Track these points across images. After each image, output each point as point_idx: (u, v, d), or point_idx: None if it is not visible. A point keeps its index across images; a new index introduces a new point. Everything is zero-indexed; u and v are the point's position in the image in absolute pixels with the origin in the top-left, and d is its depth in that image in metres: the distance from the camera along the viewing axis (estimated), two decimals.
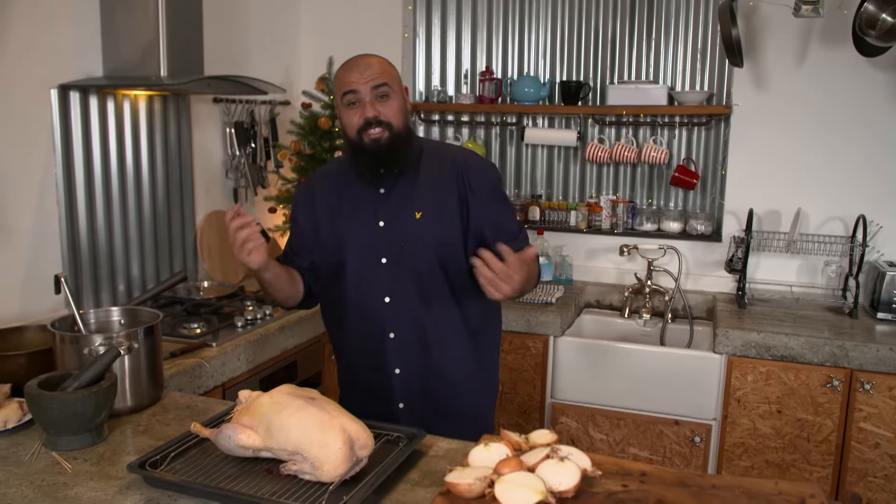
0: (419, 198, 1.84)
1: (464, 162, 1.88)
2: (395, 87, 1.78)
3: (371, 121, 1.74)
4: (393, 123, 1.77)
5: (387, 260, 1.84)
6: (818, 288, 3.11)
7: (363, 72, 1.75)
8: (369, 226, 1.85)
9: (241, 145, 3.13)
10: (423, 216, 1.83)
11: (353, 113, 1.77)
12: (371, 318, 1.87)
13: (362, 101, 1.75)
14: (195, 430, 1.46)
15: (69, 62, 2.37)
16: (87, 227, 2.45)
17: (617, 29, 3.37)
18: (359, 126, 1.76)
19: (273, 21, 3.42)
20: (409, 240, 1.83)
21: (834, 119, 3.02)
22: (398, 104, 1.79)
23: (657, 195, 3.42)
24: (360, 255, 1.86)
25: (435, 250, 1.83)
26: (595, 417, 2.86)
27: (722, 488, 1.32)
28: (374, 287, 1.85)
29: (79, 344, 1.65)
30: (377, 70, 1.76)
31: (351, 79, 1.76)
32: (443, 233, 1.83)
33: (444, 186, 1.84)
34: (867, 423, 2.57)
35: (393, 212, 1.84)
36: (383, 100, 1.76)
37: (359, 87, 1.74)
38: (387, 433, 1.50)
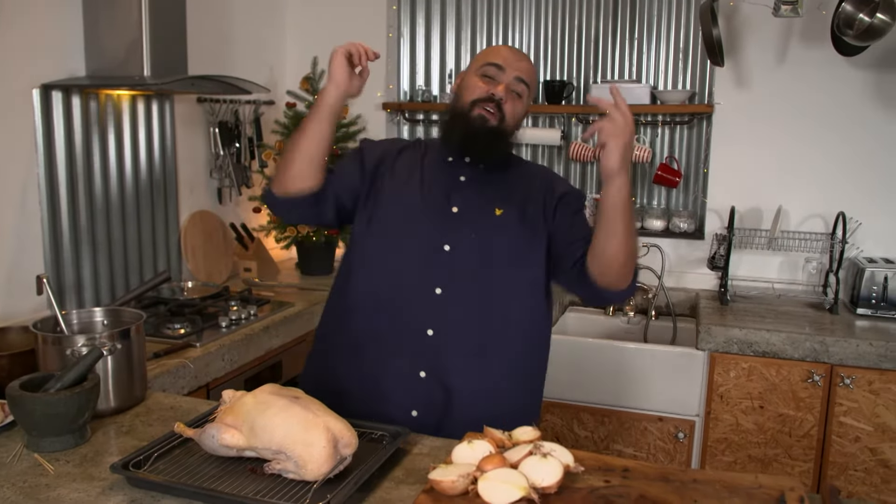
0: (502, 195, 1.73)
1: (552, 175, 1.84)
2: (530, 93, 1.73)
3: (495, 99, 1.66)
4: (508, 118, 1.69)
5: (450, 248, 1.68)
6: (799, 284, 3.14)
7: (518, 58, 1.70)
8: (440, 207, 1.71)
9: (225, 145, 3.13)
10: (503, 214, 1.70)
11: (484, 83, 1.68)
12: (412, 308, 1.67)
13: (501, 80, 1.68)
14: (179, 430, 1.45)
15: (51, 62, 2.36)
16: (69, 227, 2.44)
17: (600, 28, 3.39)
18: (480, 95, 1.67)
19: (257, 21, 3.41)
20: (482, 233, 1.69)
21: (814, 117, 3.06)
22: (523, 109, 1.73)
23: (640, 193, 3.44)
24: (420, 235, 1.69)
25: (508, 252, 1.69)
26: (579, 415, 2.88)
27: (703, 483, 1.34)
28: (428, 275, 1.67)
29: (61, 345, 1.65)
30: (529, 68, 1.71)
31: (505, 55, 1.69)
32: (520, 236, 1.70)
33: (531, 192, 1.74)
34: (847, 417, 2.60)
35: (470, 201, 1.71)
36: (516, 96, 1.70)
37: (507, 66, 1.68)
38: (370, 431, 1.50)
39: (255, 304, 2.63)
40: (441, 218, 1.70)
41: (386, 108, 3.55)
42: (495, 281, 1.68)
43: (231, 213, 3.27)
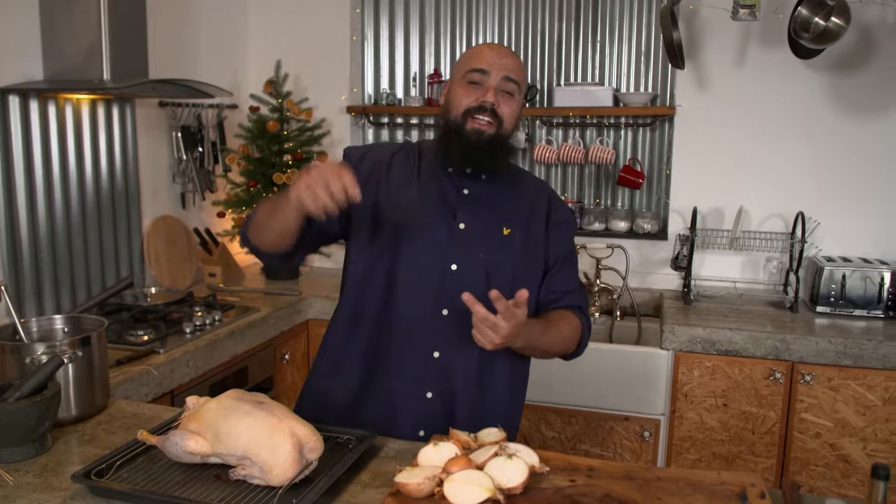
0: (509, 213, 1.67)
1: (554, 193, 1.78)
2: (520, 91, 1.64)
3: (487, 107, 1.58)
4: (505, 122, 1.61)
5: (457, 267, 1.62)
6: (760, 283, 3.20)
7: (502, 56, 1.61)
8: (446, 222, 1.64)
9: (188, 149, 3.10)
10: (511, 233, 1.65)
11: (472, 91, 1.60)
12: (418, 330, 1.62)
13: (488, 85, 1.59)
14: (142, 437, 1.43)
15: (8, 65, 2.32)
16: (28, 233, 2.39)
17: (563, 31, 3.42)
18: (469, 106, 1.59)
19: (220, 24, 3.39)
20: (490, 253, 1.63)
21: (773, 119, 3.12)
22: (517, 108, 1.64)
23: (604, 195, 3.48)
24: (426, 255, 1.62)
25: (512, 274, 1.64)
26: (547, 415, 2.89)
27: (667, 480, 1.36)
28: (433, 295, 1.62)
29: (20, 353, 1.62)
30: (515, 64, 1.62)
31: (486, 57, 1.60)
32: (523, 260, 1.66)
33: (535, 211, 1.70)
34: (808, 413, 2.65)
35: (477, 217, 1.64)
36: (507, 96, 1.61)
37: (492, 69, 1.59)
38: (336, 435, 1.50)
39: (219, 309, 2.61)
40: (448, 235, 1.63)
41: (350, 112, 3.54)
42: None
43: (195, 217, 3.24)
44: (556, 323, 1.66)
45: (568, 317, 1.69)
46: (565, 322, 1.67)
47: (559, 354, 1.71)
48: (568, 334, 1.68)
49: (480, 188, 1.68)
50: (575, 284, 1.75)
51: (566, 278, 1.73)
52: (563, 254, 1.73)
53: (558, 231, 1.72)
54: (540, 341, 1.59)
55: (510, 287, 1.56)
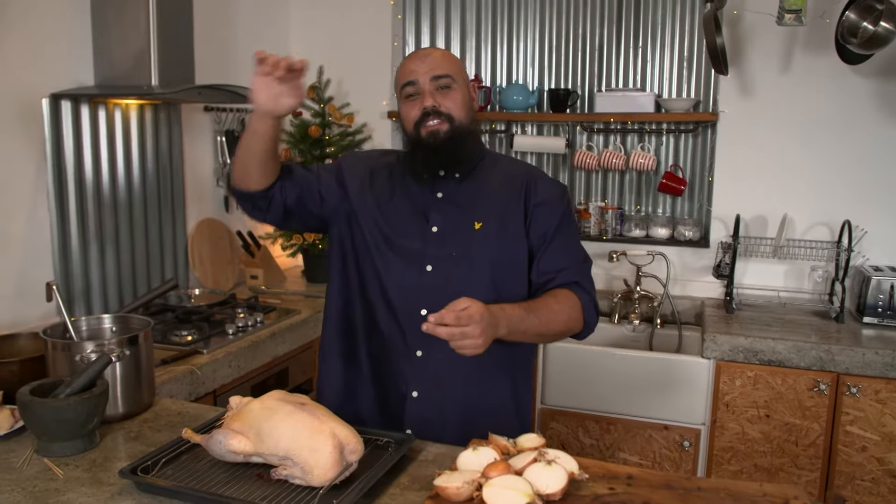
0: (480, 207, 1.69)
1: (533, 176, 1.75)
2: (458, 79, 1.65)
3: (429, 111, 1.62)
4: (454, 115, 1.63)
5: (432, 268, 1.67)
6: (805, 293, 3.14)
7: (423, 60, 1.64)
8: (420, 227, 1.69)
9: (231, 153, 3.15)
10: (483, 227, 1.67)
11: (412, 105, 1.65)
12: (398, 331, 1.68)
13: (422, 91, 1.63)
14: (186, 435, 1.46)
15: (60, 71, 2.39)
16: (78, 235, 2.46)
17: (604, 37, 3.40)
18: (416, 119, 1.64)
19: (263, 30, 3.44)
20: (462, 251, 1.66)
21: (819, 125, 3.06)
22: (461, 97, 1.65)
23: (645, 201, 3.45)
24: (403, 258, 1.68)
25: (490, 266, 1.66)
26: (585, 423, 2.88)
27: (707, 490, 1.34)
28: (410, 296, 1.67)
29: (70, 351, 1.66)
30: (438, 60, 1.64)
31: (410, 68, 1.64)
32: (502, 249, 1.67)
33: (510, 200, 1.70)
34: (854, 426, 2.59)
35: (449, 218, 1.69)
36: (444, 91, 1.63)
37: (418, 76, 1.63)
38: (377, 438, 1.51)
39: (261, 311, 2.64)
40: (422, 238, 1.68)
41: (391, 117, 3.57)
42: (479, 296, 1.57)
43: (237, 221, 3.29)
44: (545, 303, 1.63)
45: (561, 295, 1.66)
46: (556, 301, 1.64)
47: (562, 334, 1.67)
48: (562, 312, 1.63)
49: (454, 189, 1.71)
50: (570, 261, 1.71)
51: (557, 256, 1.70)
52: (550, 232, 1.70)
53: (540, 212, 1.70)
54: (525, 325, 1.56)
55: (489, 278, 1.65)
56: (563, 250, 1.71)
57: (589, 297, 1.71)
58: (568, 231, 1.74)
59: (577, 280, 1.70)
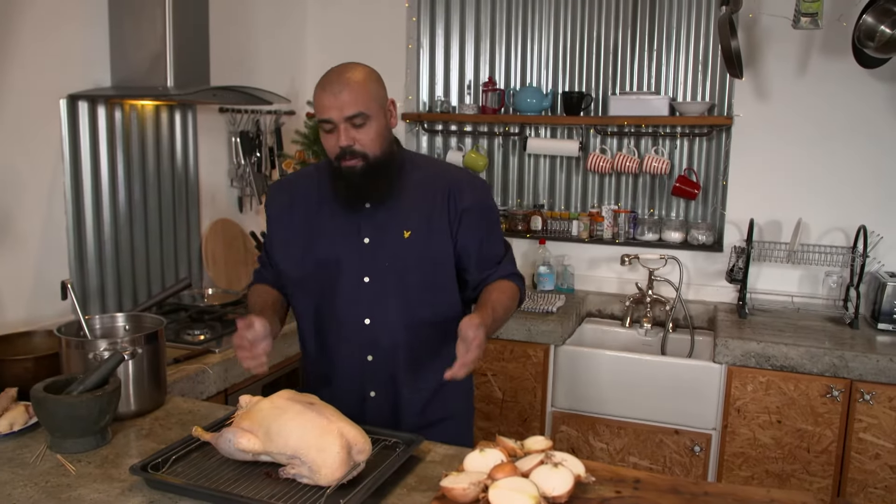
0: (408, 216, 1.75)
1: (455, 181, 1.80)
2: (372, 111, 1.66)
3: (346, 150, 1.65)
4: (369, 153, 1.67)
5: (370, 279, 1.75)
6: (819, 298, 3.12)
7: (336, 96, 1.63)
8: (353, 241, 1.76)
9: (246, 154, 3.17)
10: (411, 235, 1.74)
11: (329, 138, 1.67)
12: (349, 341, 1.78)
13: (336, 127, 1.64)
14: (196, 433, 1.48)
15: (78, 72, 2.42)
16: (93, 234, 2.49)
17: (619, 40, 3.40)
18: (331, 153, 1.69)
19: (279, 32, 3.46)
20: (394, 260, 1.74)
21: (835, 129, 3.04)
22: (376, 129, 1.67)
23: (658, 205, 3.44)
24: (340, 273, 1.76)
25: (422, 271, 1.75)
26: (595, 426, 2.87)
27: (714, 496, 1.34)
28: (353, 308, 1.76)
29: (84, 349, 1.69)
30: (349, 98, 1.62)
31: (324, 103, 1.64)
32: (431, 253, 1.76)
33: (434, 205, 1.77)
34: (867, 433, 2.57)
35: (379, 229, 1.75)
36: (359, 128, 1.65)
37: (332, 115, 1.63)
38: (384, 438, 1.52)
39: None
40: (356, 251, 1.75)
41: (405, 119, 3.58)
42: (415, 300, 1.76)
43: (251, 221, 3.31)
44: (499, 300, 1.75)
45: (504, 288, 1.80)
46: (506, 296, 1.78)
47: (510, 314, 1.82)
48: (510, 303, 1.79)
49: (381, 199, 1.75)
50: (500, 254, 1.85)
51: (491, 253, 1.83)
52: (482, 234, 1.81)
53: (468, 218, 1.78)
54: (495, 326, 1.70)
55: (422, 282, 1.76)
56: (494, 246, 1.84)
57: (520, 281, 1.87)
58: (495, 227, 1.87)
59: (511, 272, 1.85)
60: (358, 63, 1.74)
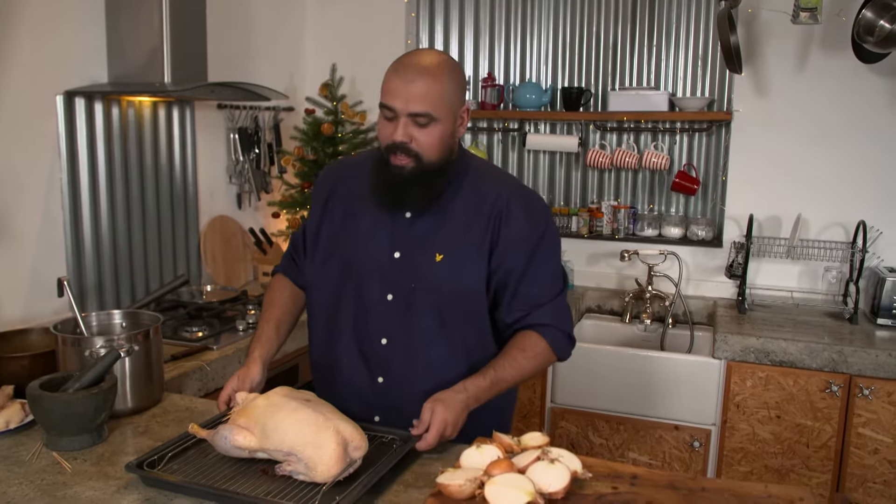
0: (446, 235, 1.61)
1: (507, 202, 1.62)
2: (439, 114, 1.51)
3: (399, 145, 1.52)
4: (423, 155, 1.53)
5: (393, 297, 1.62)
6: (818, 293, 3.11)
7: (406, 85, 1.49)
8: (383, 254, 1.63)
9: (244, 151, 3.17)
10: (444, 259, 1.60)
11: (385, 126, 1.55)
12: (362, 357, 1.67)
13: (397, 118, 1.52)
14: (193, 430, 1.48)
15: (75, 69, 2.41)
16: (91, 231, 2.48)
17: (618, 35, 3.39)
18: (385, 143, 1.55)
19: (277, 28, 3.46)
20: (421, 283, 1.61)
21: (834, 125, 3.03)
22: (440, 133, 1.53)
23: (658, 201, 3.43)
24: (363, 286, 1.64)
25: (450, 298, 1.61)
26: (595, 422, 2.87)
27: (712, 491, 1.34)
28: (371, 325, 1.64)
29: (80, 346, 1.68)
30: (419, 94, 1.49)
31: (393, 90, 1.51)
32: (462, 281, 1.61)
33: (478, 224, 1.61)
34: (866, 428, 2.57)
35: (413, 244, 1.62)
36: (420, 127, 1.51)
37: (397, 105, 1.50)
38: (381, 435, 1.52)
39: None
40: (384, 265, 1.63)
41: None
42: (437, 327, 1.62)
43: (250, 218, 3.31)
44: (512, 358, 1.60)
45: (527, 343, 1.63)
46: (524, 354, 1.61)
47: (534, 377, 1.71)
48: (529, 363, 1.61)
49: (423, 209, 1.62)
50: (540, 295, 1.64)
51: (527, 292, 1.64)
52: (520, 268, 1.63)
53: (511, 249, 1.62)
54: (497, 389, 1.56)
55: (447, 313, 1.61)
56: (534, 285, 1.64)
57: (560, 334, 1.66)
58: (542, 258, 1.65)
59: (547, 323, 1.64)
60: (443, 53, 1.58)
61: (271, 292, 1.81)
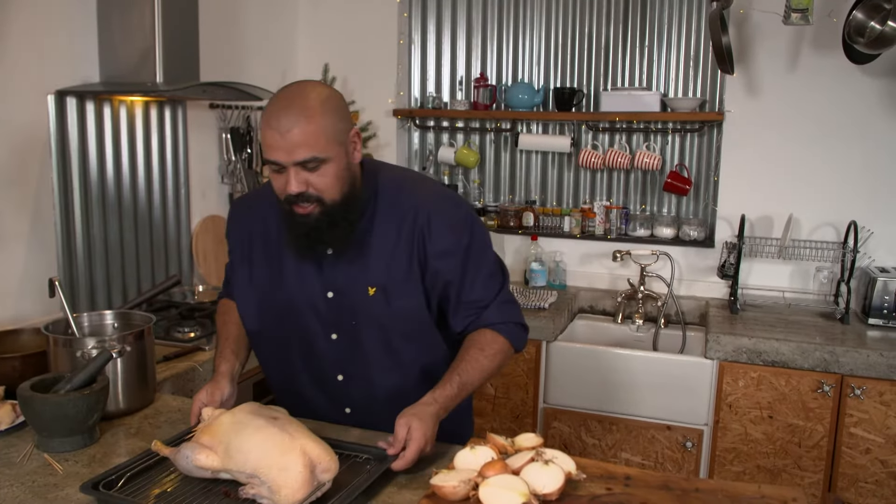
0: (375, 266, 1.57)
1: (427, 218, 1.57)
2: (330, 152, 1.43)
3: (296, 196, 1.45)
4: (325, 197, 1.46)
5: (337, 336, 1.61)
6: (810, 294, 3.13)
7: (284, 135, 1.40)
8: (316, 296, 1.59)
9: (236, 150, 3.15)
10: (376, 293, 1.56)
11: (278, 179, 1.46)
12: (323, 393, 1.67)
13: (286, 170, 1.43)
14: (156, 448, 1.40)
15: (66, 68, 2.40)
16: (82, 231, 2.47)
17: (610, 35, 3.39)
18: (285, 196, 1.47)
19: (270, 27, 3.44)
20: (361, 318, 1.58)
21: (825, 125, 3.05)
22: (334, 171, 1.45)
23: (650, 201, 3.44)
24: (305, 330, 1.62)
25: (393, 326, 1.59)
26: (587, 422, 2.87)
27: (705, 492, 1.34)
28: (324, 365, 1.64)
29: (72, 347, 1.67)
30: (300, 138, 1.39)
31: (273, 145, 1.41)
32: (400, 309, 1.58)
33: (401, 248, 1.57)
34: (858, 428, 2.58)
35: (343, 281, 1.58)
36: (312, 171, 1.43)
37: (279, 158, 1.42)
38: (355, 455, 1.44)
39: None
40: (320, 307, 1.60)
41: (396, 115, 3.57)
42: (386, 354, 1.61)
43: None
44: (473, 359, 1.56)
45: (485, 342, 1.59)
46: (483, 354, 1.57)
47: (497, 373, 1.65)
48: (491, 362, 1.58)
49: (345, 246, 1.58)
50: (486, 298, 1.62)
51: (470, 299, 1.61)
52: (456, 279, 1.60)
53: (440, 263, 1.58)
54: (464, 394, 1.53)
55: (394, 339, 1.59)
56: (475, 290, 1.61)
57: (513, 326, 1.64)
58: (475, 264, 1.62)
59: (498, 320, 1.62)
60: (314, 85, 1.48)
61: (223, 314, 1.76)
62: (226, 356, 1.65)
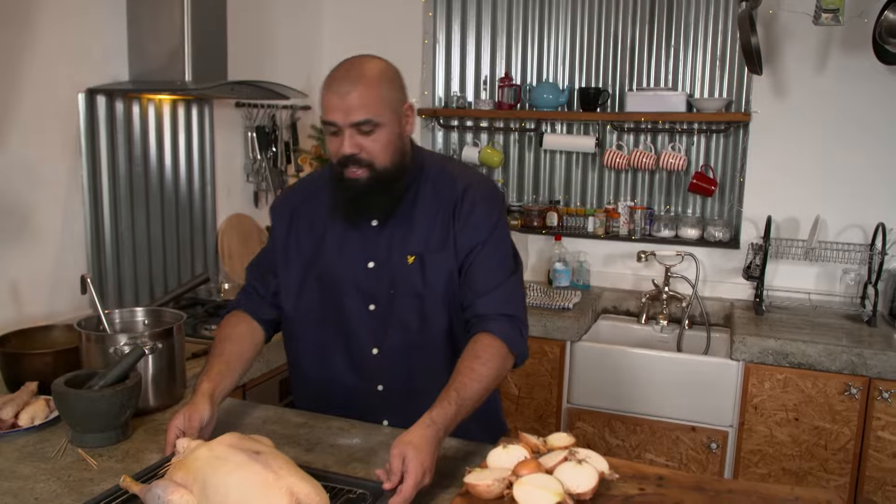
0: (414, 237, 1.62)
1: (462, 189, 1.63)
2: (384, 118, 1.51)
3: (349, 158, 1.52)
4: (376, 162, 1.53)
5: (375, 307, 1.63)
6: (836, 296, 3.10)
7: (344, 98, 1.49)
8: (357, 266, 1.64)
9: (262, 149, 3.17)
10: (415, 262, 1.61)
11: (333, 140, 1.54)
12: (357, 371, 1.67)
13: (341, 132, 1.51)
14: (124, 485, 1.27)
15: (96, 67, 2.42)
16: (111, 228, 2.49)
17: (636, 35, 3.38)
18: (338, 158, 1.54)
19: (296, 26, 3.46)
20: (399, 287, 1.62)
21: (854, 126, 3.02)
22: (386, 137, 1.53)
23: (675, 202, 3.42)
24: (343, 302, 1.65)
25: (431, 296, 1.62)
26: (611, 423, 2.86)
27: (738, 493, 1.33)
28: (359, 338, 1.65)
29: (104, 343, 1.69)
30: (358, 101, 1.48)
31: (329, 104, 1.51)
32: (437, 277, 1.61)
33: (442, 219, 1.62)
34: (885, 431, 2.55)
35: (385, 252, 1.63)
36: (367, 134, 1.51)
37: (336, 119, 1.50)
38: (349, 489, 1.30)
39: None
40: (360, 277, 1.63)
41: (421, 115, 3.57)
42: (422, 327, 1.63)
43: (266, 216, 3.30)
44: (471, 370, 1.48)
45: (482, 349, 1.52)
46: (481, 363, 1.50)
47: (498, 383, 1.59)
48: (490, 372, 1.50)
49: (388, 215, 1.63)
50: (491, 282, 1.60)
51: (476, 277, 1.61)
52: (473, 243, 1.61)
53: (468, 220, 1.61)
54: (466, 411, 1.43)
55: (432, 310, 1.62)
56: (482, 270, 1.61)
57: (513, 328, 1.59)
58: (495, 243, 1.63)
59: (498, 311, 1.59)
60: (373, 57, 1.57)
61: (222, 329, 1.72)
62: (210, 375, 1.54)
